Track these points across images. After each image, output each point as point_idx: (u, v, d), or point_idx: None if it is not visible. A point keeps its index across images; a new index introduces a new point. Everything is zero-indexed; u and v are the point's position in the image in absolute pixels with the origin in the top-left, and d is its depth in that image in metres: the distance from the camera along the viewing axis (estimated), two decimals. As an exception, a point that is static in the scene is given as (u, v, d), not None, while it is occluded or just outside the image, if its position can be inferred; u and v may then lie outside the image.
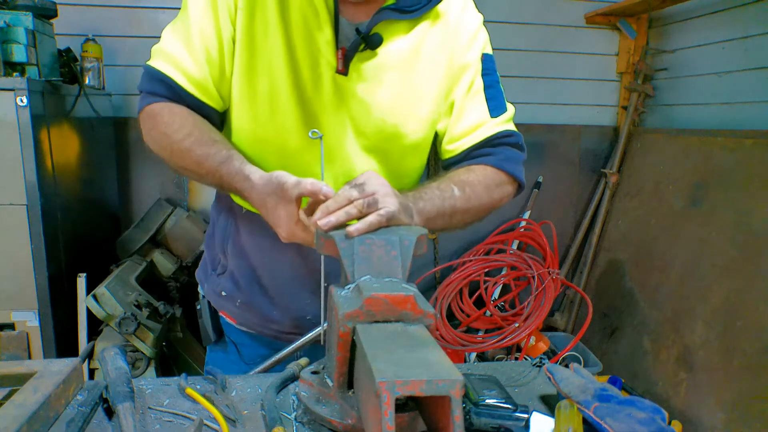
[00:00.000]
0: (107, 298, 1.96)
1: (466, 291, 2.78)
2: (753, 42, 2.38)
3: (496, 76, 1.06)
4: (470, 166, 1.02)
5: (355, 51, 0.93)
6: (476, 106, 1.03)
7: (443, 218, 0.93)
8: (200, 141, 0.90)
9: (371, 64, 0.95)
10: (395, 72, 0.97)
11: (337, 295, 0.72)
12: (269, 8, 0.92)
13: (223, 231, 1.10)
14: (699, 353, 2.17)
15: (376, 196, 0.78)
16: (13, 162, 1.76)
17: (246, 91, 0.95)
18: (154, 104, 0.95)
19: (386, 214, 0.77)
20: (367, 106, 0.96)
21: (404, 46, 0.97)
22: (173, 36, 0.94)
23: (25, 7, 1.87)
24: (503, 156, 1.03)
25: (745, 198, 2.20)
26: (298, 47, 0.92)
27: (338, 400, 0.73)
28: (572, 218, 3.16)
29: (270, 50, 0.92)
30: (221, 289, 1.12)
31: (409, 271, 0.76)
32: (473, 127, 1.02)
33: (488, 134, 1.02)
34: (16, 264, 1.82)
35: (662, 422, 0.70)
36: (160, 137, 0.94)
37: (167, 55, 0.94)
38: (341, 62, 0.93)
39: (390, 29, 0.95)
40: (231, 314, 1.14)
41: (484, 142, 1.03)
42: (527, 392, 0.91)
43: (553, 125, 3.04)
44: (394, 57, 0.96)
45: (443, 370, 0.55)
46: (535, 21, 2.91)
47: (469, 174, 1.00)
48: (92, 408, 0.77)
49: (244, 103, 0.96)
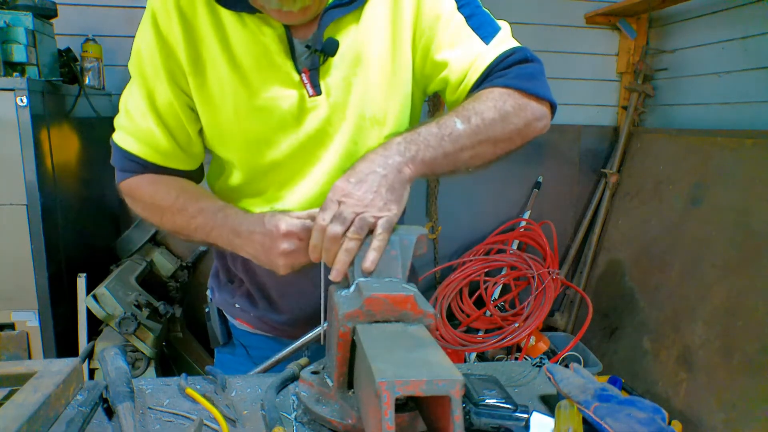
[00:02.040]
0: (107, 298, 1.96)
1: (466, 291, 2.78)
2: (753, 42, 2.38)
3: (474, 2, 0.94)
4: (477, 93, 0.88)
5: (318, 67, 0.90)
6: (465, 43, 0.91)
7: (447, 159, 0.81)
8: (191, 199, 0.92)
9: (339, 69, 0.92)
10: (361, 67, 0.92)
11: (337, 295, 0.72)
12: (218, 62, 0.89)
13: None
14: (699, 353, 2.17)
15: (362, 215, 0.73)
16: (13, 162, 1.76)
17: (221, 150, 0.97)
18: (131, 179, 0.97)
19: (384, 229, 0.73)
20: (353, 112, 0.94)
21: (360, 37, 0.92)
22: (131, 109, 0.94)
23: (25, 7, 1.87)
24: (514, 74, 0.88)
25: (745, 198, 2.20)
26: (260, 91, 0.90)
27: (338, 400, 0.73)
28: (572, 218, 3.16)
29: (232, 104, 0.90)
30: (235, 302, 1.12)
31: (409, 271, 0.76)
32: (469, 63, 0.90)
33: (488, 62, 0.89)
34: (16, 264, 1.82)
35: (662, 422, 0.70)
36: (149, 206, 0.97)
37: (127, 129, 0.94)
38: (309, 86, 0.90)
39: (341, 27, 0.91)
40: (247, 321, 1.13)
41: (486, 72, 0.90)
42: (527, 392, 0.91)
43: (553, 125, 2.99)
44: (354, 50, 0.92)
45: (443, 370, 0.55)
46: (535, 21, 2.91)
47: (475, 102, 0.85)
48: (92, 408, 0.77)
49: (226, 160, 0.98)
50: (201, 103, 0.92)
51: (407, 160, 0.78)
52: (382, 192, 0.75)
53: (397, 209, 0.76)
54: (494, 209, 3.04)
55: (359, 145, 0.96)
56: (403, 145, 0.79)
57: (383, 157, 0.77)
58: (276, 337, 1.13)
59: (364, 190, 0.74)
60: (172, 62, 0.90)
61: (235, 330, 1.18)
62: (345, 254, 0.73)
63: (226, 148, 0.97)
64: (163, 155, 0.95)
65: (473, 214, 3.02)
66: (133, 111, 0.94)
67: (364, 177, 0.75)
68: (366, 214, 0.73)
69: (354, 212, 0.73)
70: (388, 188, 0.75)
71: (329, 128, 0.94)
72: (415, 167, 0.79)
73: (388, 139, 0.81)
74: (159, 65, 0.90)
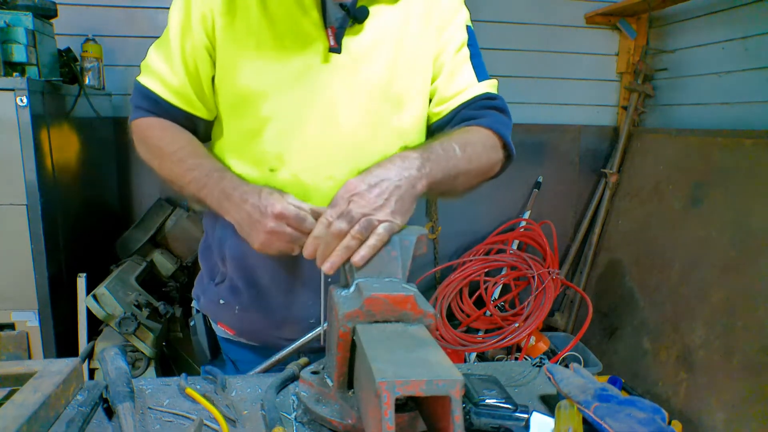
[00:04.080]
0: (107, 298, 1.96)
1: (466, 291, 2.78)
2: (753, 42, 2.38)
3: (479, 50, 1.06)
4: (466, 127, 0.98)
5: (345, 27, 0.93)
6: (465, 70, 1.03)
7: (447, 182, 0.88)
8: (193, 153, 0.95)
9: (363, 38, 0.96)
10: (387, 45, 0.97)
11: (337, 295, 0.72)
12: (250, 8, 0.93)
13: (220, 238, 1.07)
14: (699, 353, 2.17)
15: (369, 217, 0.74)
16: (13, 162, 1.76)
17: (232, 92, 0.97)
18: (144, 118, 1.01)
19: (385, 232, 0.74)
20: (365, 81, 0.96)
21: (392, 18, 0.97)
22: (156, 52, 1.00)
23: (25, 7, 1.87)
24: (494, 119, 1.00)
25: (745, 198, 2.20)
26: (285, 37, 0.93)
27: (338, 400, 0.73)
28: (572, 218, 3.16)
29: (255, 46, 0.93)
30: (219, 298, 1.10)
31: (409, 271, 0.76)
32: (462, 88, 1.02)
33: (477, 93, 1.01)
34: (16, 264, 1.82)
35: (662, 422, 0.70)
36: (153, 148, 0.99)
37: (152, 71, 1.00)
38: (332, 39, 0.93)
39: (376, 4, 0.96)
40: (229, 324, 1.11)
41: (472, 100, 1.01)
42: (527, 392, 0.91)
43: (553, 125, 3.04)
44: (384, 29, 0.97)
45: (443, 370, 0.55)
46: (535, 21, 2.91)
47: (468, 134, 0.96)
48: (92, 408, 0.77)
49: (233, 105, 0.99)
50: (224, 42, 0.94)
51: (422, 176, 0.81)
52: (392, 201, 0.76)
53: (401, 221, 0.77)
54: (494, 209, 3.04)
55: (368, 120, 0.97)
56: (419, 161, 0.81)
57: (401, 168, 0.79)
58: (262, 347, 1.10)
59: (375, 194, 0.75)
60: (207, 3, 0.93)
61: (224, 343, 1.15)
62: (344, 251, 0.74)
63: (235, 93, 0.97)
64: (177, 95, 0.99)
65: (473, 214, 3.02)
66: (157, 54, 0.99)
67: (379, 182, 0.77)
68: (372, 217, 0.74)
69: (362, 213, 0.74)
70: (398, 198, 0.77)
71: (341, 91, 0.96)
72: (427, 184, 0.82)
73: (404, 150, 0.84)
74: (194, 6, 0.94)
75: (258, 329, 1.09)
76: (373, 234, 0.74)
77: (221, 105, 1.01)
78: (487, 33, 2.86)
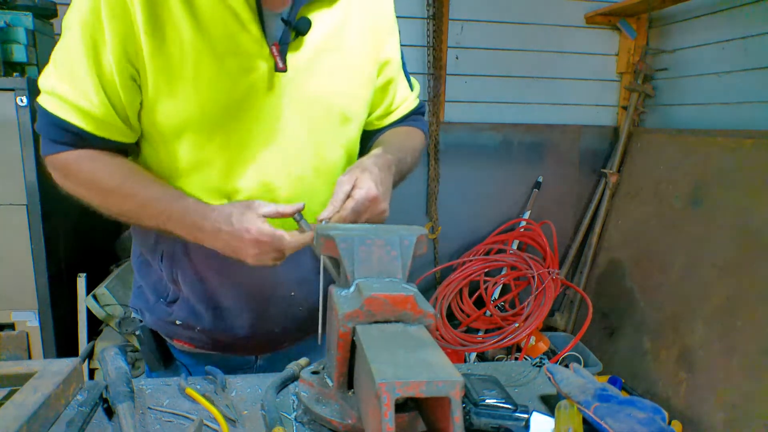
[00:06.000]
0: (107, 298, 1.96)
1: (466, 291, 2.78)
2: (753, 42, 2.38)
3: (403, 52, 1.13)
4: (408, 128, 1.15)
5: (288, 42, 0.88)
6: (402, 83, 1.13)
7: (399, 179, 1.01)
8: (140, 184, 0.88)
9: (305, 51, 0.91)
10: (330, 54, 0.94)
11: (337, 295, 0.72)
12: (179, 25, 0.82)
13: (169, 257, 0.98)
14: (699, 353, 2.17)
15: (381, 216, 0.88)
16: (13, 162, 1.76)
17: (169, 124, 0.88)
18: (63, 153, 0.89)
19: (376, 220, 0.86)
20: (310, 96, 0.93)
21: (331, 22, 0.93)
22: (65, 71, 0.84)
23: (25, 7, 1.87)
24: (423, 123, 1.20)
25: (745, 198, 2.20)
26: (225, 57, 0.85)
27: (338, 400, 0.73)
28: (572, 218, 3.16)
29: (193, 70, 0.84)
30: (174, 318, 1.02)
31: (409, 271, 0.76)
32: (402, 101, 1.14)
33: (413, 107, 1.16)
34: (16, 264, 1.82)
35: (662, 422, 0.70)
36: (88, 184, 0.90)
37: (64, 96, 0.84)
38: (278, 58, 0.87)
39: (314, 11, 0.91)
40: (188, 341, 1.04)
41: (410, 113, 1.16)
42: (527, 392, 0.91)
43: (553, 125, 3.04)
44: (324, 37, 0.93)
45: (443, 371, 0.55)
46: (535, 21, 2.91)
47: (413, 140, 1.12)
48: (92, 408, 0.77)
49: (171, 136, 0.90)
50: (154, 68, 0.83)
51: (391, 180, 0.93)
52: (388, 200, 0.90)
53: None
54: (494, 209, 3.04)
55: (315, 137, 0.95)
56: (393, 170, 0.94)
57: (390, 176, 0.92)
58: (225, 355, 1.06)
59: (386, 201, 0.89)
60: (125, 22, 0.81)
61: (176, 351, 1.09)
62: (351, 214, 0.83)
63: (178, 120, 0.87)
64: (102, 125, 0.86)
65: (473, 214, 3.02)
66: (68, 73, 0.84)
67: (388, 188, 0.90)
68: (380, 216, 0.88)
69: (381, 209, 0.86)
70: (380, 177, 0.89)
71: (289, 108, 0.91)
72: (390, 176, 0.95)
73: (378, 155, 0.93)
74: (107, 25, 0.81)
75: (224, 345, 1.05)
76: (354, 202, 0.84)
77: (156, 134, 0.91)
78: (487, 33, 2.86)
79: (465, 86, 2.89)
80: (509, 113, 2.97)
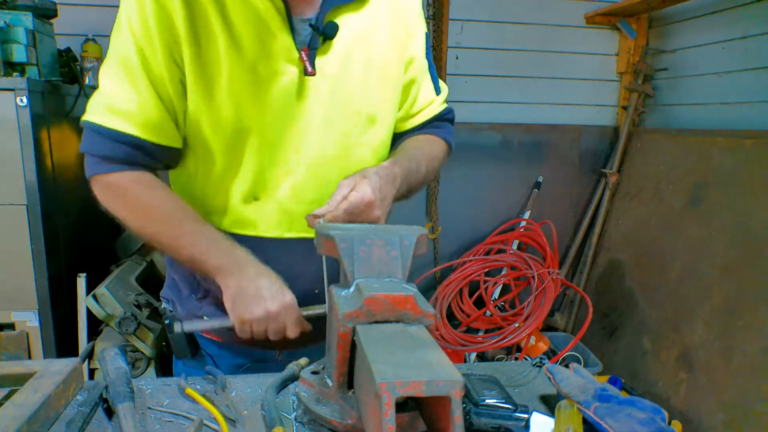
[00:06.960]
0: (107, 298, 1.96)
1: (466, 291, 2.78)
2: (753, 42, 2.38)
3: (431, 54, 1.12)
4: (428, 135, 1.13)
5: (317, 47, 0.91)
6: (426, 85, 1.11)
7: (404, 193, 1.00)
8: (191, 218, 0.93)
9: (333, 54, 0.93)
10: (358, 56, 0.95)
11: (337, 295, 0.72)
12: (215, 33, 0.87)
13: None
14: (699, 353, 2.17)
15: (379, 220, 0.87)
16: (13, 162, 1.76)
17: (209, 124, 0.92)
18: (117, 174, 0.91)
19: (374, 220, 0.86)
20: (339, 99, 0.95)
21: (359, 27, 0.95)
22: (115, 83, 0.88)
23: (25, 7, 1.87)
24: (447, 131, 1.17)
25: (745, 198, 2.20)
26: (257, 65, 0.89)
27: (338, 400, 0.73)
28: (572, 218, 3.17)
29: (228, 78, 0.88)
30: (203, 313, 1.06)
31: (409, 271, 0.76)
32: (425, 104, 1.12)
33: (437, 111, 1.14)
34: (16, 264, 1.82)
35: (662, 422, 0.70)
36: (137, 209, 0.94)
37: (113, 108, 0.88)
38: (308, 63, 0.90)
39: (341, 14, 0.93)
40: (216, 334, 1.08)
41: (434, 118, 1.14)
42: (527, 392, 0.91)
43: (553, 125, 3.04)
44: (353, 42, 0.95)
45: (443, 371, 0.55)
46: (535, 21, 2.91)
47: (430, 147, 1.10)
48: (92, 408, 0.77)
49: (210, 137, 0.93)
50: (193, 75, 0.88)
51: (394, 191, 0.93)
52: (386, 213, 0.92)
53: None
54: (494, 209, 3.04)
55: (344, 136, 0.97)
56: (399, 180, 0.94)
57: (392, 188, 0.92)
58: (249, 348, 1.09)
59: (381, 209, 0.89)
60: (170, 32, 0.86)
61: (203, 340, 1.12)
62: (344, 215, 0.84)
63: (214, 125, 0.92)
64: (157, 129, 0.90)
65: (473, 214, 3.02)
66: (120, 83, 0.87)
67: (386, 197, 0.90)
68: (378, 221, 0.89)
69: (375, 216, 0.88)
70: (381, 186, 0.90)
71: (318, 111, 0.94)
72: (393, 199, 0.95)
73: (385, 166, 0.92)
74: (156, 35, 0.85)
75: (249, 340, 1.05)
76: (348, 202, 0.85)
77: (192, 138, 0.95)
78: (487, 33, 2.86)
79: (465, 86, 2.89)
80: (509, 113, 2.97)
